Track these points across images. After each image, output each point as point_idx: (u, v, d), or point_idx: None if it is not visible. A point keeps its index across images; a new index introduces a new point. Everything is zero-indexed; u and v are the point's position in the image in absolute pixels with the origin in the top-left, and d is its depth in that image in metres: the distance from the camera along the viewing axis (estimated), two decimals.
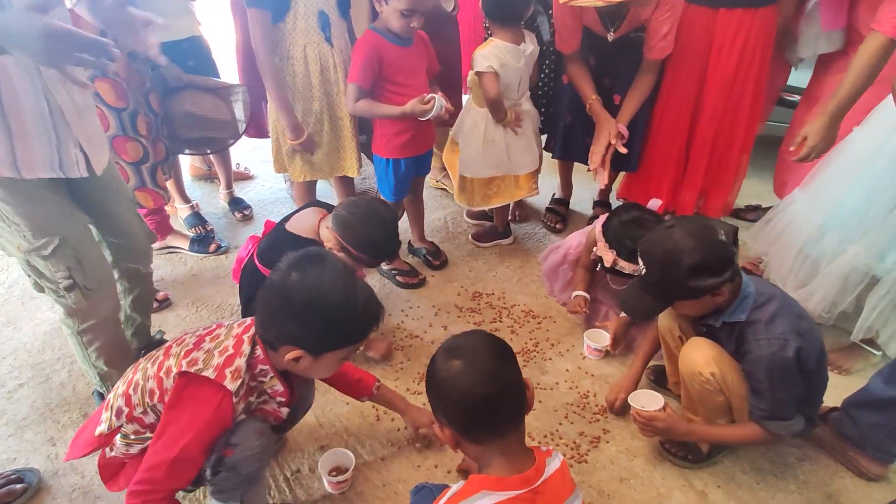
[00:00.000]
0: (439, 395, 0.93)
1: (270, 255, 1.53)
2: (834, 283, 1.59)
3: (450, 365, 0.92)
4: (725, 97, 1.94)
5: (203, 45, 2.09)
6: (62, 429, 1.51)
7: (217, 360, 1.03)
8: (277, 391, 1.12)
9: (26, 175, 1.14)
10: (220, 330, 1.11)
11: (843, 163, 1.53)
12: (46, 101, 1.13)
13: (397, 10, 1.58)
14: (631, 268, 1.58)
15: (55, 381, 1.67)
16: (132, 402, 1.08)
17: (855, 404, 1.38)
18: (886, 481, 1.38)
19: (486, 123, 1.97)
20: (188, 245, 2.23)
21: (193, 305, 1.99)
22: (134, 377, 1.10)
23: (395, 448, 1.47)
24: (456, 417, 0.92)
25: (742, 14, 1.81)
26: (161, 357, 1.09)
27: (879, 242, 1.47)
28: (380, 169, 1.90)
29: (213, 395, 1.02)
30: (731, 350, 1.29)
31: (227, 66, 2.28)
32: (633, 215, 1.62)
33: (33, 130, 1.12)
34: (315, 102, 1.82)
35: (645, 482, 1.39)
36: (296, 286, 1.00)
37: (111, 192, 1.39)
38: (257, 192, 2.77)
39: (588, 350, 1.78)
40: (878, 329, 1.56)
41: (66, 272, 1.26)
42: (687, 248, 1.16)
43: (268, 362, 1.08)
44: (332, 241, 1.47)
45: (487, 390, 0.89)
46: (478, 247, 2.33)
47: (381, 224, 1.46)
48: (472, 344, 0.95)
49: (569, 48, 1.97)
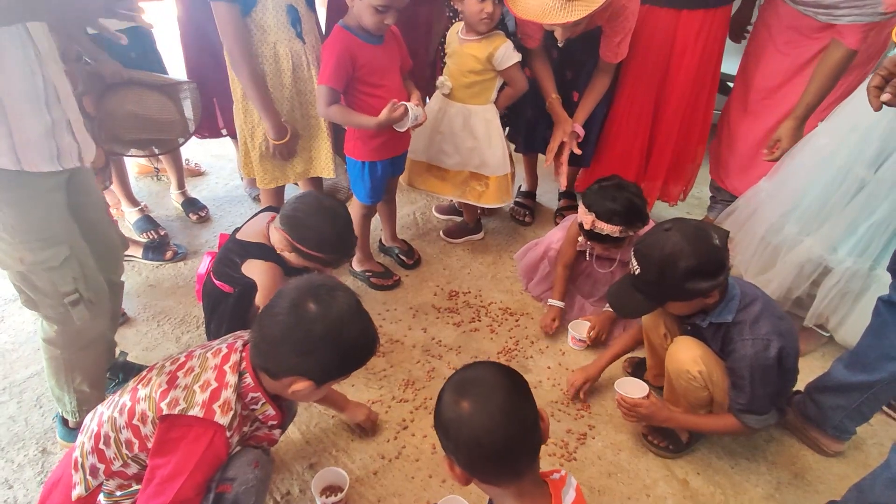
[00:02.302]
0: (447, 436, 0.87)
1: (222, 267, 1.44)
2: (790, 271, 1.69)
3: (459, 405, 0.85)
4: (688, 93, 2.00)
5: (146, 34, 1.91)
6: (18, 469, 1.38)
7: (201, 397, 0.97)
8: (269, 416, 1.07)
9: (28, 167, 1.05)
10: (192, 362, 1.03)
11: (807, 156, 1.61)
12: (42, 75, 1.04)
13: (371, 6, 1.49)
14: (609, 228, 1.61)
15: (2, 414, 1.52)
16: (106, 456, 1.00)
17: (817, 388, 1.48)
18: (843, 456, 1.51)
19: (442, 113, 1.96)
20: (141, 253, 2.08)
21: (154, 319, 1.86)
22: (101, 431, 1.01)
23: (385, 461, 1.45)
24: (467, 460, 0.86)
25: (703, 14, 1.86)
26: (128, 403, 1.00)
27: (833, 235, 1.57)
28: (354, 172, 1.82)
29: (204, 433, 0.96)
30: (717, 348, 1.35)
31: (174, 58, 2.10)
32: (613, 182, 1.65)
33: (28, 110, 1.04)
34: (286, 102, 1.71)
35: (631, 475, 1.45)
36: (313, 318, 0.96)
37: (88, 194, 1.29)
38: (211, 189, 2.61)
39: (572, 341, 1.82)
40: (828, 315, 1.67)
41: (72, 285, 1.17)
42: (684, 252, 1.19)
43: (259, 389, 1.03)
44: (281, 242, 1.38)
45: (502, 433, 0.82)
46: (449, 243, 2.31)
47: (333, 218, 1.36)
48: (481, 380, 0.88)
49: (533, 42, 1.96)
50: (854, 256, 1.52)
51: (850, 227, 1.51)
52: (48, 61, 1.07)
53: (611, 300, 1.41)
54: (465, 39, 1.84)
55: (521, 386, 0.88)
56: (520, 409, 0.86)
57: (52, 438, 1.45)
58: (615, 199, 1.60)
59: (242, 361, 1.02)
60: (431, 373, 1.71)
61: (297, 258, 1.38)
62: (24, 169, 1.06)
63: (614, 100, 2.08)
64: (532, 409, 0.87)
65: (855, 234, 1.50)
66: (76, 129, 1.15)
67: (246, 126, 1.76)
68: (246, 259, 1.38)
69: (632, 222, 1.62)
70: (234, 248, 1.43)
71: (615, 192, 1.61)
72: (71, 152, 1.14)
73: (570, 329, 1.81)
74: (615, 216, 1.60)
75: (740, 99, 1.99)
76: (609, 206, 1.59)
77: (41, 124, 1.07)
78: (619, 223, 1.60)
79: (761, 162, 1.95)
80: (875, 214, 1.45)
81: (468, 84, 1.90)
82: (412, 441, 1.50)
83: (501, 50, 1.81)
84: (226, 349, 1.03)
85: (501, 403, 0.84)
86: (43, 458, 1.41)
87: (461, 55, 1.86)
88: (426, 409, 1.59)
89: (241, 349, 1.04)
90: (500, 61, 1.83)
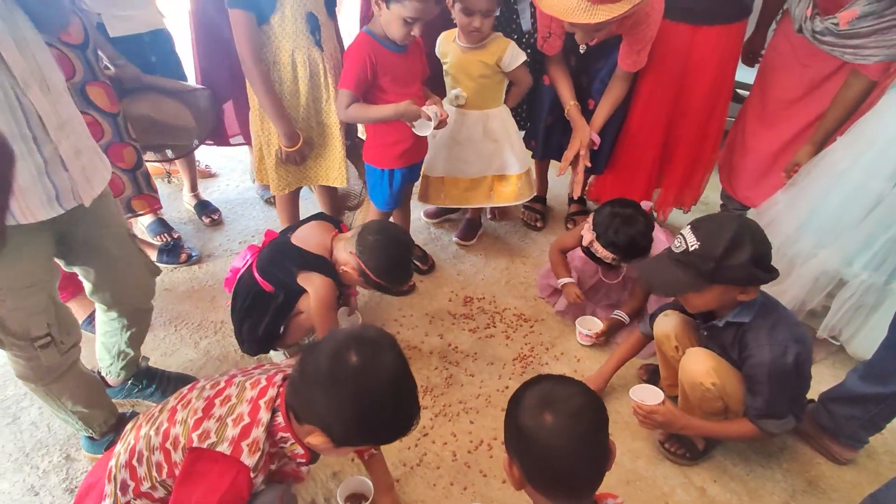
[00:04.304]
0: (518, 439, 0.85)
1: (271, 268, 1.47)
2: (805, 283, 1.70)
3: (541, 416, 0.82)
4: (704, 106, 2.02)
5: (167, 39, 1.91)
6: (43, 475, 1.39)
7: (232, 432, 0.94)
8: (298, 454, 1.02)
9: (24, 220, 0.96)
10: (231, 389, 1.01)
11: (823, 171, 1.63)
12: (22, 109, 0.91)
13: (400, 17, 1.49)
14: (603, 253, 1.66)
15: (25, 420, 1.52)
16: (137, 474, 0.99)
17: (832, 398, 1.51)
18: (855, 465, 1.54)
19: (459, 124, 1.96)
20: (156, 256, 2.08)
21: (172, 324, 1.86)
22: (137, 445, 1.01)
23: (407, 468, 1.46)
24: (534, 472, 0.85)
25: (719, 30, 1.88)
26: (165, 423, 0.99)
27: (849, 248, 1.59)
28: (373, 179, 1.83)
29: (228, 471, 0.93)
30: (734, 352, 1.37)
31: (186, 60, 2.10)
32: (626, 212, 1.67)
33: (15, 153, 0.92)
34: (301, 110, 1.71)
35: (649, 483, 1.47)
36: (349, 371, 0.88)
37: (107, 227, 1.21)
38: (222, 192, 2.61)
39: (580, 336, 1.86)
40: (841, 328, 1.69)
41: (45, 329, 1.10)
42: (756, 237, 1.22)
43: (289, 430, 0.98)
44: (350, 264, 1.43)
45: (573, 462, 0.82)
46: (463, 247, 2.32)
47: (404, 251, 1.46)
48: (571, 401, 0.85)
49: (552, 50, 1.97)
50: (870, 270, 1.54)
51: (866, 241, 1.53)
52: (29, 85, 0.93)
53: (645, 275, 1.41)
54: (468, 47, 1.84)
55: (604, 419, 0.87)
56: (598, 444, 0.85)
57: (75, 445, 1.46)
58: (618, 232, 1.63)
59: (278, 398, 0.98)
60: (449, 379, 1.72)
61: (360, 280, 1.43)
62: (20, 223, 0.96)
63: (630, 109, 2.09)
64: (607, 442, 0.87)
65: (871, 248, 1.52)
66: (70, 162, 1.01)
67: (262, 133, 1.76)
68: (305, 270, 1.42)
69: (629, 257, 1.67)
70: (291, 255, 1.44)
71: (622, 225, 1.63)
72: (72, 189, 1.04)
73: (578, 325, 1.86)
74: (613, 247, 1.64)
75: (756, 109, 2.00)
76: (611, 237, 1.64)
77: (33, 166, 0.95)
78: (616, 253, 1.65)
79: (774, 173, 1.97)
80: (892, 229, 1.47)
81: (480, 89, 1.91)
82: (433, 448, 1.51)
83: (509, 52, 1.84)
84: (265, 381, 1.00)
85: (584, 434, 0.83)
86: (67, 464, 1.42)
87: (468, 63, 1.86)
88: (445, 415, 1.61)
89: (279, 384, 1.00)
90: (508, 63, 1.85)
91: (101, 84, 1.59)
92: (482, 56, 1.84)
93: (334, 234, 1.48)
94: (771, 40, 1.97)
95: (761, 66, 2.01)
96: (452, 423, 1.58)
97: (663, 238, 1.82)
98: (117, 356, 1.45)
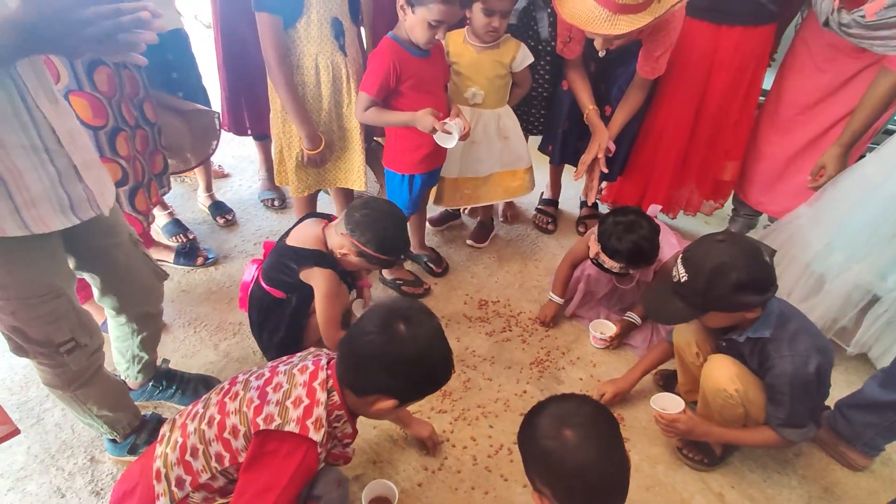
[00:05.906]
0: (548, 466, 0.87)
1: (275, 274, 1.48)
2: (837, 299, 1.68)
3: (562, 434, 0.86)
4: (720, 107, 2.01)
5: (184, 38, 1.91)
6: (69, 477, 1.40)
7: (295, 413, 0.99)
8: (347, 433, 1.10)
9: (37, 229, 0.95)
10: (279, 378, 1.05)
11: (853, 184, 1.62)
12: (32, 121, 0.90)
13: (425, 21, 1.50)
14: (610, 263, 1.67)
15: (49, 421, 1.53)
16: (194, 468, 1.02)
17: (849, 405, 1.52)
18: (871, 472, 1.55)
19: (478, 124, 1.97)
20: (173, 258, 2.08)
21: (190, 326, 1.87)
22: (187, 442, 1.03)
23: (429, 472, 1.47)
24: (563, 491, 0.87)
25: (742, 31, 1.87)
26: (216, 416, 1.02)
27: (882, 263, 1.57)
28: (393, 184, 1.83)
29: (298, 448, 0.99)
30: (754, 364, 1.38)
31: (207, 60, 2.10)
32: (628, 219, 1.67)
33: (26, 166, 0.91)
34: (323, 114, 1.72)
35: (668, 488, 1.49)
36: (404, 340, 0.99)
37: (115, 236, 1.21)
38: (235, 192, 2.61)
39: (594, 340, 1.88)
40: (871, 345, 1.68)
41: (68, 334, 1.11)
42: (737, 264, 1.22)
43: (343, 407, 1.05)
44: (346, 246, 1.42)
45: (607, 467, 0.85)
46: (477, 249, 2.33)
47: (395, 222, 1.46)
48: (579, 410, 0.90)
49: (572, 54, 1.97)
50: None
51: None
52: (39, 97, 0.91)
53: (647, 306, 1.43)
54: (483, 47, 1.83)
55: (614, 422, 0.91)
56: (619, 445, 0.88)
57: (99, 447, 1.46)
58: (621, 239, 1.62)
59: (329, 379, 1.04)
60: (468, 383, 1.73)
61: (360, 261, 1.42)
62: (33, 232, 0.94)
63: (651, 117, 2.08)
64: (625, 449, 0.90)
65: None
66: (85, 173, 1.00)
67: (284, 135, 1.77)
68: (305, 266, 1.42)
69: (635, 263, 1.67)
70: (288, 255, 1.45)
71: (624, 233, 1.63)
72: (89, 199, 1.03)
73: (591, 329, 1.87)
74: (618, 255, 1.64)
75: (771, 114, 2.00)
76: (614, 245, 1.63)
77: (45, 177, 0.94)
78: (621, 261, 1.65)
79: (788, 178, 1.98)
80: None
81: (495, 89, 1.92)
82: (453, 452, 1.53)
83: (521, 52, 1.86)
84: (312, 366, 1.06)
85: (607, 438, 0.86)
86: (92, 466, 1.43)
87: (484, 63, 1.86)
88: (465, 419, 1.62)
89: (326, 366, 1.06)
90: (518, 63, 1.88)
91: (87, 95, 1.45)
92: (498, 56, 1.84)
93: (324, 224, 1.48)
94: (790, 46, 1.98)
95: (779, 72, 2.01)
96: (472, 428, 1.60)
97: (674, 242, 1.82)
98: (132, 360, 1.46)
